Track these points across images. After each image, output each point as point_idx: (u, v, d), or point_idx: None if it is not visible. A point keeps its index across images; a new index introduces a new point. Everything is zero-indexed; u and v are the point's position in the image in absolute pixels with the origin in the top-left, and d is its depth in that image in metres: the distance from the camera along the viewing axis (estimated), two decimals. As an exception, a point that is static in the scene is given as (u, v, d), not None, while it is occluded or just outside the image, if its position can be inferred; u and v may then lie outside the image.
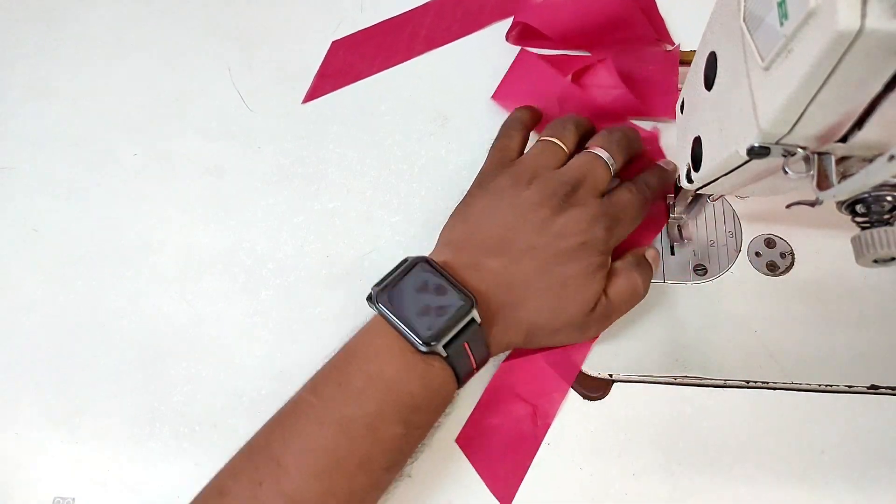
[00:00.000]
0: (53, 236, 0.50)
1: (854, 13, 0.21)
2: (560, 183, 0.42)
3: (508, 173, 0.43)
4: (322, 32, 0.58)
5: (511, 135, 0.47)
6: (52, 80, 0.57)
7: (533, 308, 0.39)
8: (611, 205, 0.42)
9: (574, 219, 0.40)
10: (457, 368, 0.37)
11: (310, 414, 0.35)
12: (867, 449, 0.41)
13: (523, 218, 0.40)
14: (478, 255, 0.40)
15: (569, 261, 0.40)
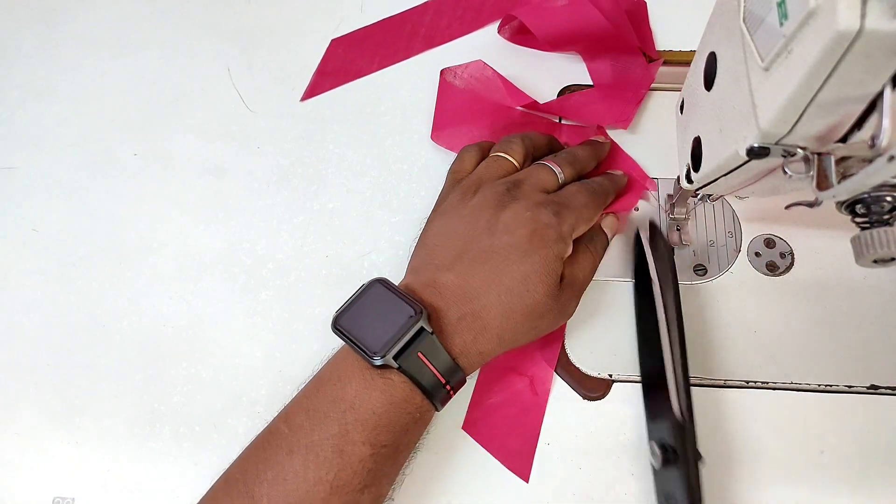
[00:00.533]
0: (53, 236, 0.50)
1: (854, 13, 0.21)
2: (502, 183, 0.42)
3: (457, 189, 0.43)
4: (322, 32, 0.58)
5: (464, 157, 0.46)
6: (52, 80, 0.57)
7: (497, 311, 0.38)
8: (556, 195, 0.42)
9: (517, 211, 0.40)
10: (418, 380, 0.35)
11: (280, 443, 0.35)
12: (867, 449, 0.41)
13: (471, 226, 0.40)
14: (434, 273, 0.39)
15: (524, 255, 0.38)
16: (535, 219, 0.39)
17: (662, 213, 0.48)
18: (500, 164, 0.44)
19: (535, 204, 0.40)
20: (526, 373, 0.43)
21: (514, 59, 0.56)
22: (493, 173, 0.44)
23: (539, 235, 0.39)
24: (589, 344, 0.45)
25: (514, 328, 0.38)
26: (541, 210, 0.40)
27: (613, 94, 0.52)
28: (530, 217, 0.39)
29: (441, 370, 0.36)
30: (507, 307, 0.38)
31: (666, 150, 0.51)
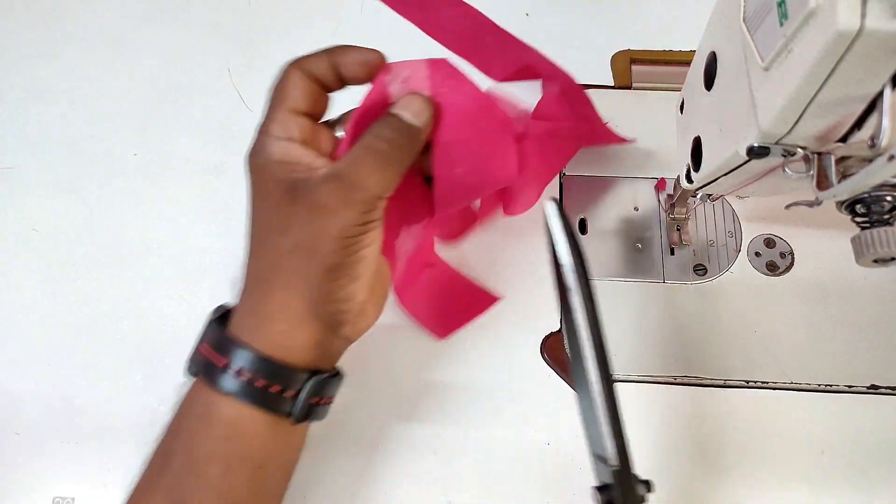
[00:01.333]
0: (53, 236, 0.50)
1: (854, 13, 0.21)
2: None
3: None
4: (322, 32, 0.58)
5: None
6: (52, 80, 0.57)
7: (287, 280, 0.32)
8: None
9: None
10: (214, 379, 0.32)
11: (144, 477, 0.34)
12: (867, 449, 0.41)
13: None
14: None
15: (288, 203, 0.32)
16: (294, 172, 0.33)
17: (662, 213, 0.48)
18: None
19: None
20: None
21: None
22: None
23: (300, 184, 0.33)
24: (589, 344, 0.45)
25: (319, 285, 0.32)
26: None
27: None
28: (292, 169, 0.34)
29: (209, 342, 0.33)
30: (292, 268, 0.32)
31: (666, 150, 0.50)
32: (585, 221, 0.49)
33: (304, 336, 0.33)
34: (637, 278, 0.47)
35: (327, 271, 0.32)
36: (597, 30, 0.57)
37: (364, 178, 0.32)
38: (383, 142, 0.33)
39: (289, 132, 0.33)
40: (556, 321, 0.46)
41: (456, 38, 0.56)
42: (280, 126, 0.33)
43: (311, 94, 0.34)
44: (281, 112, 0.34)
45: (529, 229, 0.49)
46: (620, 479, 0.30)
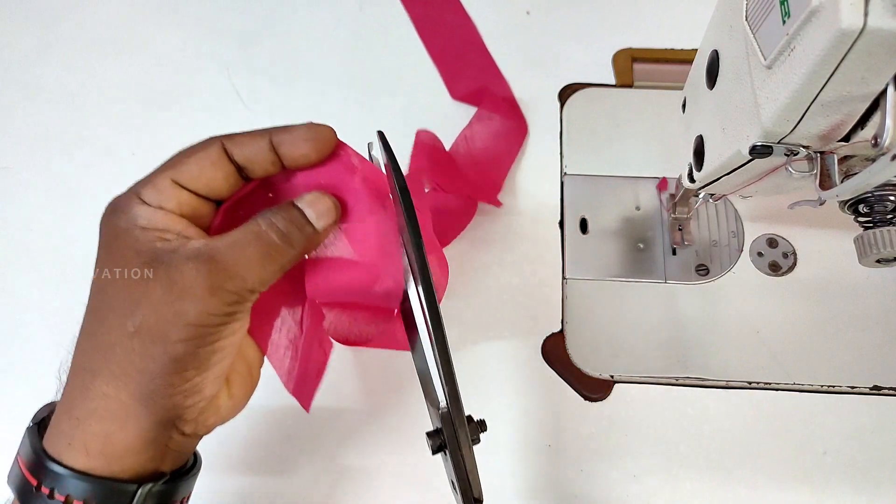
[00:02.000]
0: (52, 236, 0.50)
1: (856, 12, 0.21)
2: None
3: None
4: (322, 32, 0.58)
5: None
6: (49, 79, 0.56)
7: (117, 368, 0.28)
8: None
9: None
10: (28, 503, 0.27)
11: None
12: (870, 450, 0.41)
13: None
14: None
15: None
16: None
17: (664, 213, 0.48)
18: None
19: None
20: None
21: (511, 58, 0.55)
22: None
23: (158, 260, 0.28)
24: (590, 345, 0.45)
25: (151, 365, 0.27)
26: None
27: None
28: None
29: (23, 456, 0.29)
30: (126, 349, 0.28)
31: (668, 150, 0.50)
32: (587, 221, 0.49)
33: (131, 437, 0.27)
34: (639, 278, 0.46)
35: (172, 361, 0.27)
36: (598, 28, 0.57)
37: (241, 267, 0.27)
38: (275, 233, 0.29)
39: (162, 202, 0.28)
40: (558, 322, 0.45)
41: (441, 43, 0.57)
42: (154, 192, 0.29)
43: (215, 176, 0.30)
44: (162, 179, 0.29)
45: (528, 229, 0.49)
46: (449, 419, 0.28)
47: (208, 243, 0.28)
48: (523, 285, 0.47)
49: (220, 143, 0.30)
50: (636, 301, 0.46)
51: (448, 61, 0.55)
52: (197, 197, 0.29)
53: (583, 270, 0.47)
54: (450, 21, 0.57)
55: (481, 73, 0.54)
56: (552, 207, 0.49)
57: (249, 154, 0.30)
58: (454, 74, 0.55)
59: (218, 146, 0.29)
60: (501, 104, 0.52)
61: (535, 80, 0.54)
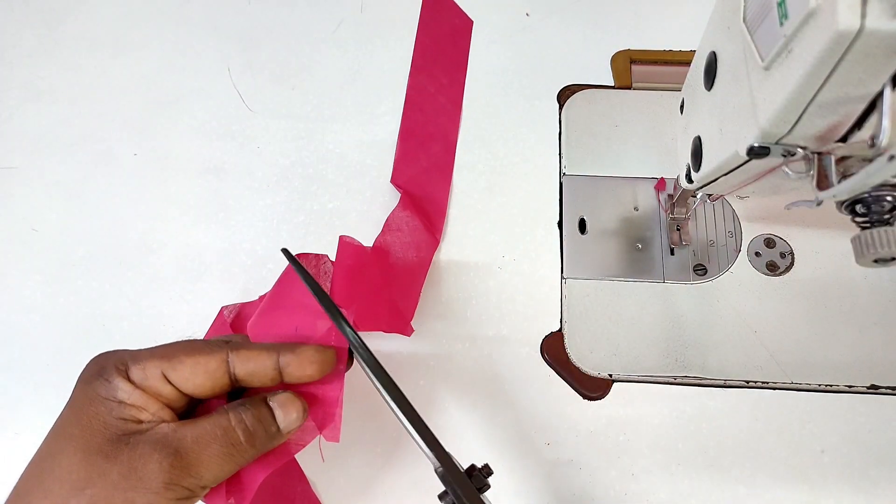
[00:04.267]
0: (53, 236, 0.50)
1: (854, 13, 0.21)
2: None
3: None
4: (322, 32, 0.58)
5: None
6: (52, 80, 0.57)
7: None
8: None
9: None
10: None
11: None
12: (867, 449, 0.41)
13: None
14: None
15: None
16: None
17: (663, 213, 0.48)
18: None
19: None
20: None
21: (511, 59, 0.56)
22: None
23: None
24: (589, 344, 0.45)
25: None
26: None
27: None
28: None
29: None
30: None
31: (666, 150, 0.51)
32: (585, 221, 0.49)
33: None
34: (637, 278, 0.47)
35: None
36: (597, 29, 0.57)
37: (202, 464, 0.27)
38: (242, 431, 0.29)
39: (146, 387, 0.28)
40: (556, 321, 0.46)
41: (418, 120, 0.53)
42: (142, 376, 0.28)
43: (205, 384, 0.29)
44: (153, 368, 0.28)
45: (528, 229, 0.49)
46: (451, 477, 0.29)
47: (178, 431, 0.27)
48: (522, 285, 0.47)
49: (224, 355, 0.29)
50: (634, 301, 0.46)
51: (410, 144, 0.52)
52: (178, 392, 0.29)
53: (581, 270, 0.47)
54: (441, 105, 0.54)
55: (433, 169, 0.51)
56: (551, 207, 0.50)
57: (251, 370, 0.30)
58: (407, 158, 0.52)
59: (220, 358, 0.29)
60: (419, 211, 0.49)
61: (535, 81, 0.55)
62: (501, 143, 0.52)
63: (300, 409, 0.31)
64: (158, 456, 0.26)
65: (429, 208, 0.49)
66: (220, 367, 0.29)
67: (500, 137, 0.52)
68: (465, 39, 0.54)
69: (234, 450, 0.28)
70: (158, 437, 0.27)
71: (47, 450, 0.28)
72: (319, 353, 0.31)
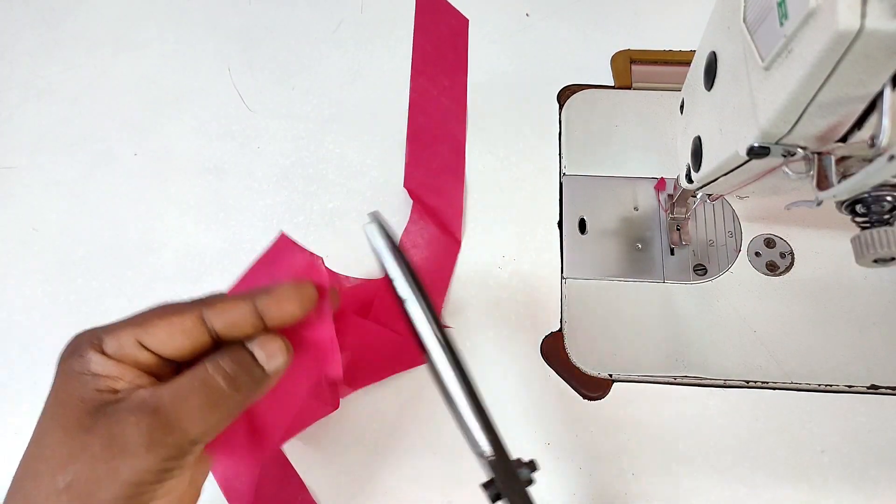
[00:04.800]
0: (54, 236, 0.50)
1: (854, 13, 0.21)
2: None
3: None
4: (322, 32, 0.58)
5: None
6: (52, 80, 0.57)
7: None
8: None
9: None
10: None
11: None
12: (867, 449, 0.41)
13: None
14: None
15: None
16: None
17: (662, 213, 0.48)
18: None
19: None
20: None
21: (511, 59, 0.56)
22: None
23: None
24: (589, 344, 0.45)
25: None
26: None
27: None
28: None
29: None
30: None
31: (666, 150, 0.51)
32: (585, 221, 0.49)
33: None
34: (637, 278, 0.47)
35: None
36: (597, 30, 0.57)
37: (184, 417, 0.26)
38: (222, 377, 0.27)
39: (121, 356, 0.27)
40: (557, 321, 0.46)
41: (424, 123, 0.52)
42: (116, 345, 0.27)
43: (183, 345, 0.28)
44: (126, 335, 0.27)
45: (528, 229, 0.49)
46: (499, 467, 0.29)
47: (154, 392, 0.26)
48: (522, 285, 0.47)
49: (199, 312, 0.28)
50: (634, 301, 0.46)
51: (418, 147, 0.51)
52: (158, 357, 0.28)
53: (581, 270, 0.47)
54: (444, 106, 0.54)
55: (443, 171, 0.51)
56: (551, 207, 0.50)
57: (230, 321, 0.28)
58: (417, 162, 0.50)
59: (194, 315, 0.28)
60: (434, 216, 0.48)
61: (535, 81, 0.55)
62: (501, 144, 0.52)
63: (281, 346, 0.29)
64: (135, 418, 0.25)
65: (445, 211, 0.49)
66: (196, 325, 0.28)
67: (499, 137, 0.52)
68: (462, 39, 0.54)
69: (218, 398, 0.27)
70: (136, 402, 0.26)
71: (34, 434, 0.28)
72: (296, 290, 0.30)
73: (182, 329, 0.28)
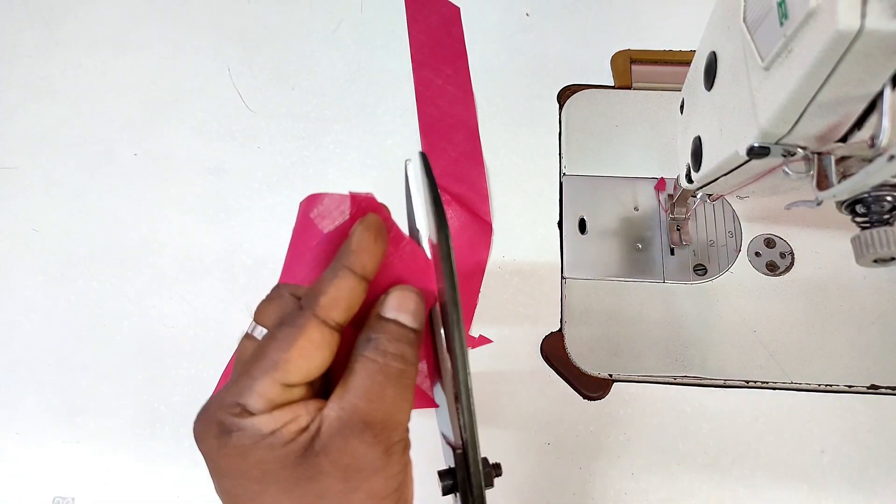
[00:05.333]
0: (53, 236, 0.50)
1: (854, 13, 0.21)
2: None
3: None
4: (322, 32, 0.58)
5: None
6: (52, 80, 0.57)
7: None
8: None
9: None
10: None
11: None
12: (867, 448, 0.41)
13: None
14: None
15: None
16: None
17: (663, 213, 0.48)
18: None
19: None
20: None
21: (511, 59, 0.56)
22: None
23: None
24: (589, 343, 0.45)
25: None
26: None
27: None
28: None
29: None
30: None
31: (666, 150, 0.51)
32: (585, 221, 0.49)
33: None
34: (637, 278, 0.47)
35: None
36: (597, 30, 0.57)
37: (394, 413, 0.25)
38: (394, 360, 0.26)
39: (274, 403, 0.24)
40: (557, 321, 0.46)
41: (435, 115, 0.53)
42: (262, 401, 0.24)
43: (325, 360, 0.25)
44: (268, 385, 0.24)
45: (528, 229, 0.49)
46: (465, 463, 0.26)
47: (343, 407, 0.24)
48: (522, 285, 0.47)
49: (313, 317, 0.25)
50: (634, 300, 0.46)
51: (433, 138, 0.52)
52: (308, 383, 0.26)
53: (581, 270, 0.47)
54: (451, 94, 0.55)
55: (462, 158, 0.51)
56: (551, 207, 0.50)
57: (345, 305, 0.26)
58: (435, 152, 0.52)
59: (315, 323, 0.25)
60: (461, 203, 0.48)
61: (535, 81, 0.55)
62: (501, 143, 0.52)
63: (413, 297, 0.28)
64: (357, 439, 0.24)
65: (470, 197, 0.50)
66: (321, 333, 0.25)
67: (500, 137, 0.52)
68: (457, 27, 0.54)
69: (400, 377, 0.26)
70: (339, 426, 0.24)
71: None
72: (365, 227, 0.28)
73: (314, 346, 0.25)
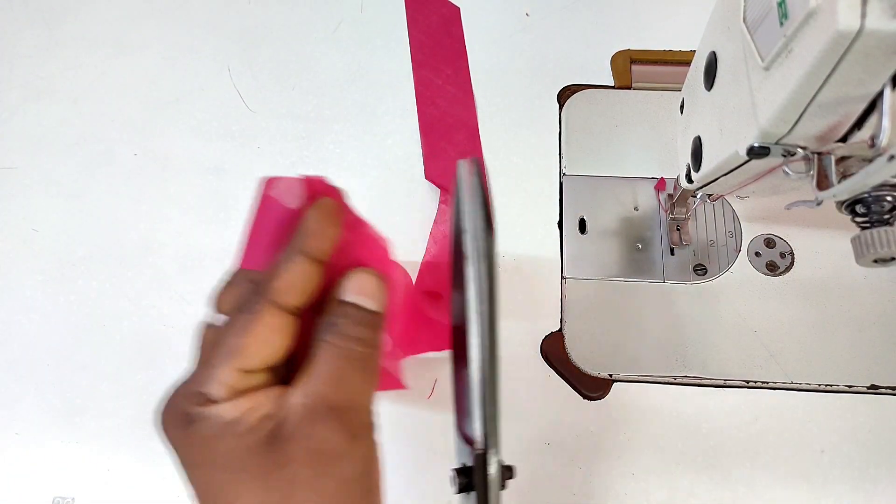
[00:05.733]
0: (53, 236, 0.50)
1: (854, 13, 0.21)
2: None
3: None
4: (322, 32, 0.58)
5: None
6: (52, 80, 0.56)
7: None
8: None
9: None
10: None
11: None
12: (867, 449, 0.41)
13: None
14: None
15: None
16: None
17: (663, 213, 0.48)
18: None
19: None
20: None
21: (511, 59, 0.56)
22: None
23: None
24: (589, 344, 0.45)
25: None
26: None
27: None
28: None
29: None
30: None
31: (666, 150, 0.51)
32: (585, 221, 0.49)
33: None
34: (637, 278, 0.47)
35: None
36: (597, 29, 0.57)
37: (358, 396, 0.25)
38: (356, 343, 0.25)
39: (235, 390, 0.24)
40: (557, 321, 0.46)
41: (435, 115, 0.53)
42: (222, 388, 0.24)
43: (284, 343, 0.25)
44: (226, 372, 0.24)
45: (528, 229, 0.49)
46: (484, 464, 0.26)
47: (307, 393, 0.24)
48: (522, 285, 0.47)
49: (269, 303, 0.25)
50: (635, 301, 0.46)
51: (433, 138, 0.52)
52: (268, 366, 0.26)
53: (581, 270, 0.47)
54: (451, 94, 0.54)
55: (462, 157, 0.51)
56: (551, 207, 0.50)
57: (300, 289, 0.26)
58: (435, 153, 0.52)
59: (271, 309, 0.25)
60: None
61: (535, 81, 0.55)
62: (501, 143, 0.52)
63: (373, 280, 0.27)
64: (322, 425, 0.24)
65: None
66: (278, 317, 0.25)
67: (499, 137, 0.53)
68: (457, 26, 0.54)
69: (366, 361, 0.26)
70: (304, 412, 0.24)
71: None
72: (320, 210, 0.28)
73: (271, 331, 0.25)
